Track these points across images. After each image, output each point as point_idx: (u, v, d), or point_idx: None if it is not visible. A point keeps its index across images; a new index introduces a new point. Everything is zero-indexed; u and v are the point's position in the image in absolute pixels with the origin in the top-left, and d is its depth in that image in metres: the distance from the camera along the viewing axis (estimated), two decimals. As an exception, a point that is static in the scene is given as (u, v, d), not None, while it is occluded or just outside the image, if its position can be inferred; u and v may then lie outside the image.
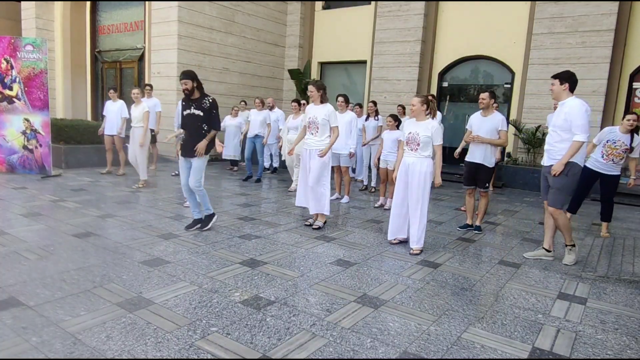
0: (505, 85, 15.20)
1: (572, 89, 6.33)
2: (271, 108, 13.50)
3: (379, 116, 11.77)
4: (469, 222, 8.49)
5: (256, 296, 4.90)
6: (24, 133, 11.56)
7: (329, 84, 18.59)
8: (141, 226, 7.42)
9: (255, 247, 6.70)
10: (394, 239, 7.24)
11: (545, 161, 6.63)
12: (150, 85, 13.32)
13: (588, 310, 5.00)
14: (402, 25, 16.19)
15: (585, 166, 7.47)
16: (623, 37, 13.04)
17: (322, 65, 19.31)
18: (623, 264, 6.71)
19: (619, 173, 8.30)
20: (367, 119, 11.99)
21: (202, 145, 7.17)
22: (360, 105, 12.73)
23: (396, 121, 9.69)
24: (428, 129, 6.78)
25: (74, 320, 4.13)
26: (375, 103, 12.09)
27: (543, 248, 6.88)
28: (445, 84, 16.36)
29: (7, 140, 11.61)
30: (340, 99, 10.28)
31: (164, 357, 3.58)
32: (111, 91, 12.26)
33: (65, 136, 13.44)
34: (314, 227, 7.92)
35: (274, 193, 11.18)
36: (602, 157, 8.14)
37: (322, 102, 7.82)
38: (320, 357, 3.72)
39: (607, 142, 8.10)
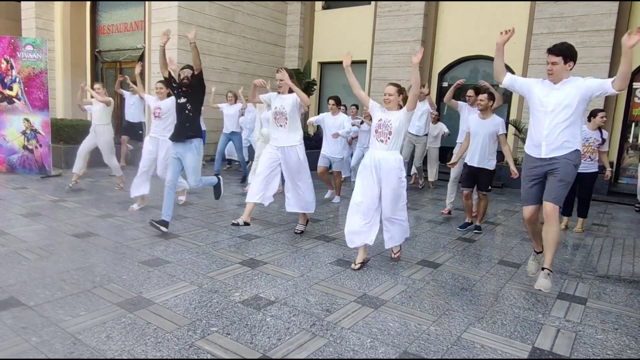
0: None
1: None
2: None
3: None
4: (468, 220, 8.43)
5: (256, 296, 4.90)
6: (23, 133, 11.56)
7: (328, 84, 18.70)
8: (141, 226, 7.42)
9: (255, 247, 6.69)
10: (356, 265, 6.08)
11: (545, 152, 5.29)
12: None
13: (588, 310, 5.00)
14: (402, 25, 16.19)
15: None
16: (623, 37, 13.02)
17: (322, 65, 19.31)
18: (623, 264, 6.72)
19: (596, 170, 8.48)
20: (362, 123, 11.43)
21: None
22: (357, 106, 12.68)
23: None
24: (401, 116, 5.95)
25: (73, 320, 4.12)
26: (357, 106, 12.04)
27: (547, 270, 5.31)
28: (445, 84, 16.29)
29: (7, 140, 11.61)
30: (332, 101, 10.03)
31: (164, 357, 3.58)
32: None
33: (65, 136, 13.43)
34: (296, 230, 7.53)
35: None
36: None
37: (290, 91, 7.10)
38: (320, 357, 3.72)
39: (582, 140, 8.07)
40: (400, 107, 6.07)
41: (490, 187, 8.13)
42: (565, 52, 5.16)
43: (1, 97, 11.51)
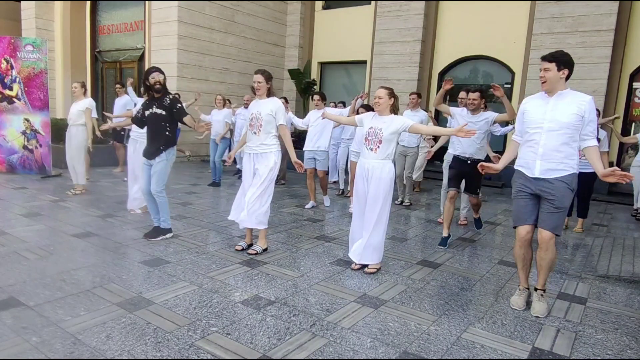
0: (505, 85, 15.15)
1: (567, 78, 4.81)
2: (246, 105, 12.56)
3: None
4: (445, 234, 7.35)
5: (256, 296, 4.89)
6: (24, 133, 11.56)
7: (329, 84, 18.71)
8: (141, 226, 7.41)
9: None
10: (356, 265, 6.02)
11: (538, 172, 4.81)
12: (122, 84, 12.69)
13: (588, 311, 5.00)
14: (402, 25, 16.20)
15: None
16: (623, 37, 13.04)
17: (322, 65, 19.35)
18: (623, 264, 6.72)
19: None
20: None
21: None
22: (335, 103, 12.65)
23: (368, 111, 7.69)
24: (393, 125, 5.77)
25: (73, 320, 4.12)
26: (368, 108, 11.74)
27: (540, 291, 4.97)
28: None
29: (7, 140, 11.61)
30: (316, 97, 9.69)
31: (164, 357, 3.59)
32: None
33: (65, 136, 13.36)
34: (249, 252, 6.44)
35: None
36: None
37: (268, 95, 6.57)
38: (320, 357, 3.72)
39: None
40: (393, 112, 5.92)
41: (479, 190, 7.75)
42: (559, 59, 4.74)
43: (1, 97, 11.52)
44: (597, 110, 8.38)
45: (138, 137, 8.25)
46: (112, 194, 9.95)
